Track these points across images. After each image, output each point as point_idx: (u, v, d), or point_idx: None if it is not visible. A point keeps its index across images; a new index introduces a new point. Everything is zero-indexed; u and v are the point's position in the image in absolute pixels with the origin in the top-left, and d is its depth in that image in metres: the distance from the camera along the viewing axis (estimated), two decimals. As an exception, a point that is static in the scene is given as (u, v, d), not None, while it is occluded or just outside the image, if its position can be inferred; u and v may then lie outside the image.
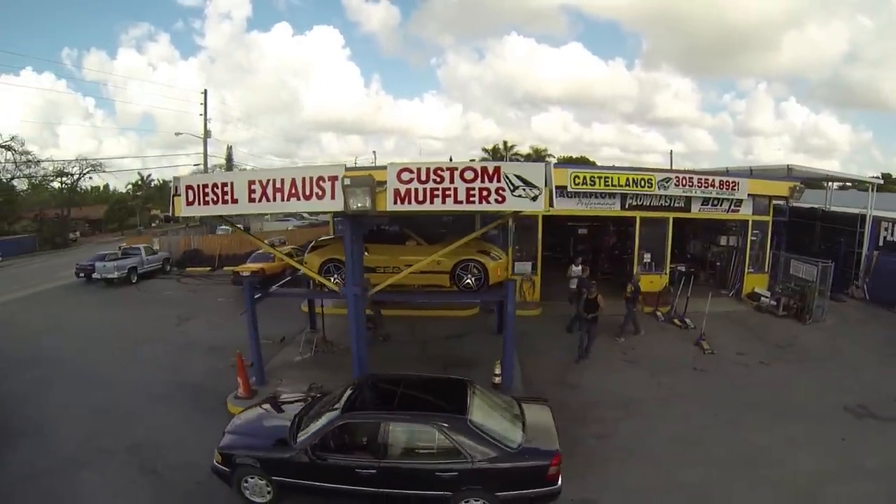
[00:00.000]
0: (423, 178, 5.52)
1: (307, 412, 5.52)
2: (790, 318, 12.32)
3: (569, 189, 12.43)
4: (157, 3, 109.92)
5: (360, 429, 4.92)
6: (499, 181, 5.36)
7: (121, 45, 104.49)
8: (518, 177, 5.34)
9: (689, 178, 12.81)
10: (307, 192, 6.03)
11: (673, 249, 16.71)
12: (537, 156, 40.37)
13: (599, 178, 12.42)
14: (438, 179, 5.47)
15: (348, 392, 5.52)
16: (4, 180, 27.86)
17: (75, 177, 31.44)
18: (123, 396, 8.31)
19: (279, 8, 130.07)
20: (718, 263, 15.66)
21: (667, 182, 12.54)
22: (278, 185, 6.18)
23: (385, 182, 5.67)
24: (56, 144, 74.02)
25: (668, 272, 13.57)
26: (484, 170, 5.40)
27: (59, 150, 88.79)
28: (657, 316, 12.36)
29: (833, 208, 16.53)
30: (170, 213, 7.24)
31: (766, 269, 14.40)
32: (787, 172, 14.58)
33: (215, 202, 6.62)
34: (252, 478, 5.06)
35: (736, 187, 13.23)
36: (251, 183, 6.37)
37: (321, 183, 5.93)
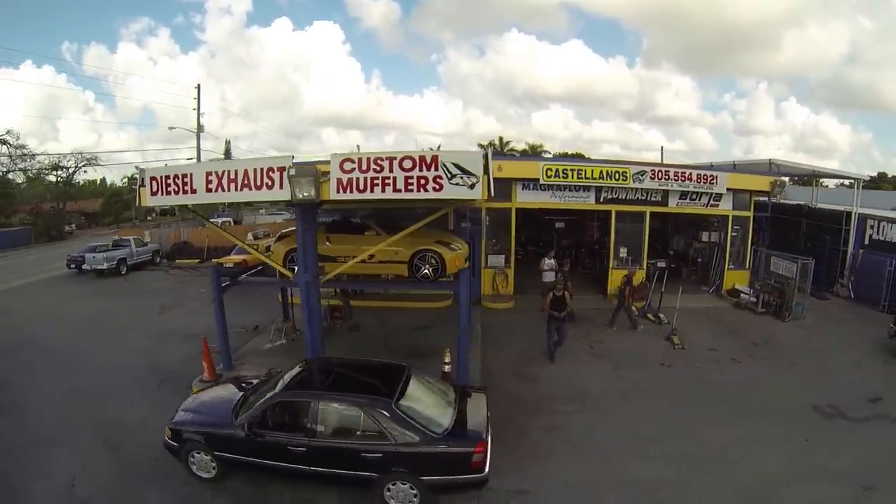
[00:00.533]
0: (364, 167, 5.86)
1: (254, 392, 5.92)
2: (769, 316, 12.47)
3: (541, 182, 12.66)
4: None
5: (292, 408, 5.26)
6: (436, 169, 5.67)
7: (121, 40, 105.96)
8: (455, 165, 5.65)
9: (666, 171, 12.96)
10: (258, 183, 6.38)
11: (656, 245, 16.98)
12: (533, 151, 40.49)
13: (572, 170, 12.61)
14: (378, 168, 5.81)
15: (292, 373, 5.91)
16: (0, 174, 28.62)
17: (70, 170, 32.20)
18: (99, 380, 8.78)
19: (279, 3, 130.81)
20: (700, 260, 15.82)
21: (642, 175, 12.70)
22: (232, 175, 6.53)
23: (329, 172, 6.02)
24: (56, 138, 75.35)
25: (644, 267, 13.75)
26: (422, 158, 5.72)
27: (60, 144, 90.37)
28: (632, 310, 12.56)
29: (820, 205, 16.61)
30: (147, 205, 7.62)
31: (747, 266, 14.55)
32: (769, 167, 14.72)
33: (176, 192, 6.99)
34: (198, 453, 5.46)
35: (714, 181, 13.32)
36: (208, 174, 6.73)
37: (270, 174, 6.29)
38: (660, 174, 12.90)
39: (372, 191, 5.87)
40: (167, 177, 7.09)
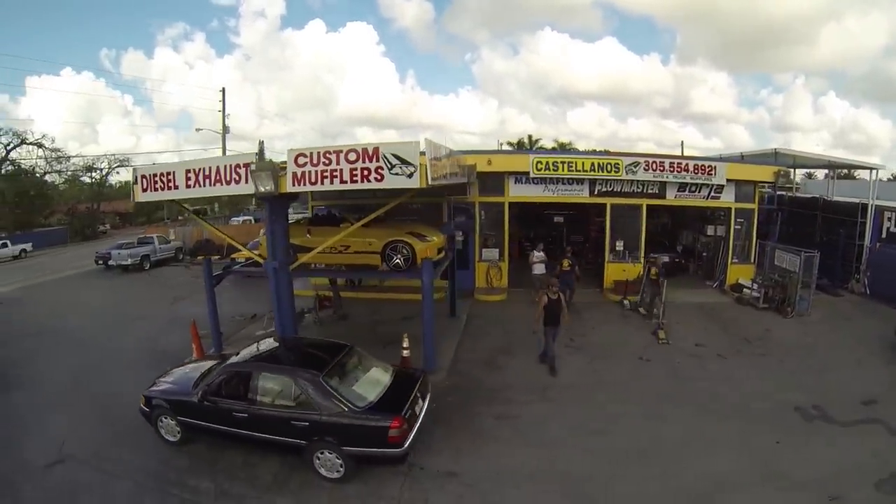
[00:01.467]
0: (315, 161, 6.52)
1: (219, 365, 6.72)
2: (771, 312, 12.26)
3: (532, 175, 12.99)
4: (192, 3, 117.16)
5: (238, 378, 5.96)
6: (378, 161, 6.25)
7: (157, 45, 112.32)
8: (395, 156, 6.21)
9: (661, 162, 12.98)
10: (227, 179, 7.17)
11: (663, 240, 16.96)
12: (561, 148, 40.41)
13: (563, 163, 12.90)
14: (327, 162, 6.45)
15: (250, 348, 6.68)
16: (38, 175, 31.56)
17: (104, 172, 35.02)
18: (103, 360, 9.92)
19: (312, 6, 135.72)
20: (705, 254, 15.68)
21: (635, 166, 12.81)
22: (206, 172, 7.36)
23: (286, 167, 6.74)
24: (96, 141, 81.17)
25: (642, 261, 13.82)
26: (364, 151, 6.31)
27: (99, 147, 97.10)
28: (624, 304, 12.70)
29: (836, 198, 16.09)
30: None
31: (752, 260, 14.31)
32: (775, 157, 14.46)
33: (162, 188, 7.91)
34: (165, 418, 6.30)
35: (713, 172, 13.23)
36: (187, 171, 7.59)
37: (238, 170, 7.05)
38: (654, 165, 12.95)
39: (322, 183, 6.52)
40: (155, 175, 8.03)
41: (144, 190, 8.15)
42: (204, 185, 7.46)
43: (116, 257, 19.93)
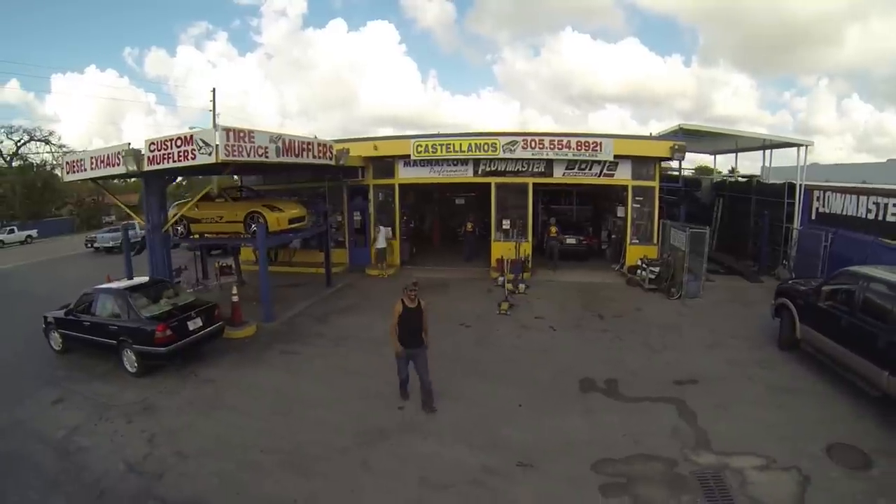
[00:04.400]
0: (162, 147, 10.01)
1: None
2: (660, 293, 13.37)
3: (413, 157, 15.87)
4: (214, 3, 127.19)
5: (87, 298, 9.69)
6: (192, 144, 9.67)
7: (180, 44, 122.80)
8: (202, 140, 9.58)
9: (540, 140, 15.19)
10: (113, 162, 10.85)
11: (582, 222, 19.27)
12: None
13: (441, 145, 15.63)
14: (166, 146, 9.94)
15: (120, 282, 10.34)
16: (46, 169, 37.98)
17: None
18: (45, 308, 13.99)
19: (334, 5, 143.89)
20: (614, 236, 17.61)
21: (513, 145, 15.22)
22: (101, 158, 11.09)
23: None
24: (119, 138, 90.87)
25: (529, 240, 16.01)
26: (185, 137, 9.74)
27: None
28: (498, 281, 14.55)
29: (773, 181, 17.35)
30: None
31: (654, 241, 15.84)
32: (678, 133, 16.05)
33: (76, 172, 11.79)
34: (53, 332, 10.08)
35: (599, 148, 15.01)
36: (91, 158, 11.38)
37: (119, 156, 10.71)
38: (533, 143, 15.19)
39: (163, 163, 10.02)
40: (72, 162, 11.93)
41: (68, 172, 12.05)
42: (98, 168, 11.21)
43: (101, 240, 24.80)
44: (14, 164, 38.54)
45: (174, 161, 9.94)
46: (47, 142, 37.73)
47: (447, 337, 9.87)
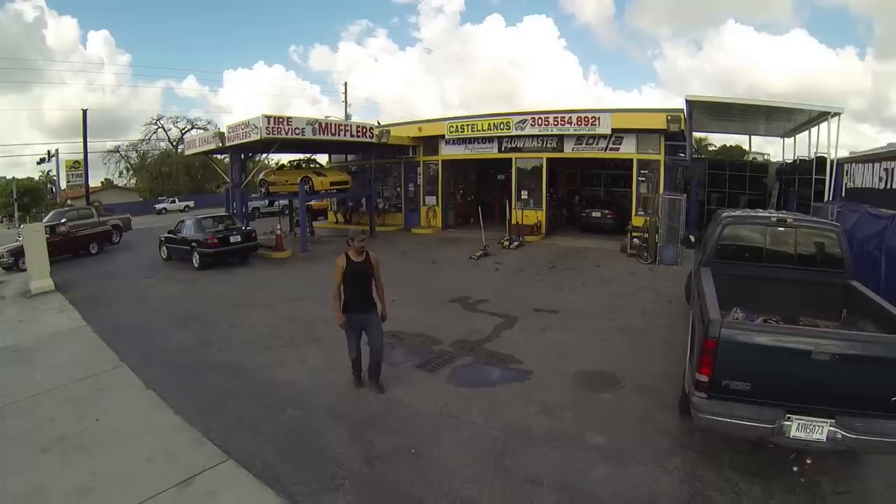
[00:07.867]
0: (234, 130, 15.16)
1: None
2: (636, 258, 14.14)
3: (446, 137, 19.11)
4: (374, 2, 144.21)
5: (182, 225, 15.13)
6: (248, 127, 14.55)
7: (341, 41, 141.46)
8: (254, 124, 14.41)
9: (545, 117, 17.10)
10: (209, 140, 16.40)
11: (609, 199, 20.98)
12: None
13: (468, 125, 18.47)
14: (235, 130, 15.04)
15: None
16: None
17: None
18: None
19: (491, 1, 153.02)
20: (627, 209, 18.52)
21: (523, 123, 17.44)
22: (204, 138, 16.77)
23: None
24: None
25: (543, 209, 18.17)
26: (246, 122, 14.69)
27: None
28: (501, 243, 16.47)
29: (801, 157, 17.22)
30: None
31: (659, 214, 16.02)
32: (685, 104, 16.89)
33: (191, 148, 17.81)
34: (162, 246, 15.91)
35: (597, 122, 16.25)
36: (199, 139, 17.21)
37: (212, 137, 16.22)
38: (540, 120, 17.21)
39: (234, 140, 15.16)
40: (188, 141, 18.02)
41: (187, 149, 18.21)
42: (202, 145, 16.97)
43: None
44: (179, 148, 49.98)
45: (240, 139, 15.00)
46: (206, 129, 48.37)
47: (413, 267, 13.37)
